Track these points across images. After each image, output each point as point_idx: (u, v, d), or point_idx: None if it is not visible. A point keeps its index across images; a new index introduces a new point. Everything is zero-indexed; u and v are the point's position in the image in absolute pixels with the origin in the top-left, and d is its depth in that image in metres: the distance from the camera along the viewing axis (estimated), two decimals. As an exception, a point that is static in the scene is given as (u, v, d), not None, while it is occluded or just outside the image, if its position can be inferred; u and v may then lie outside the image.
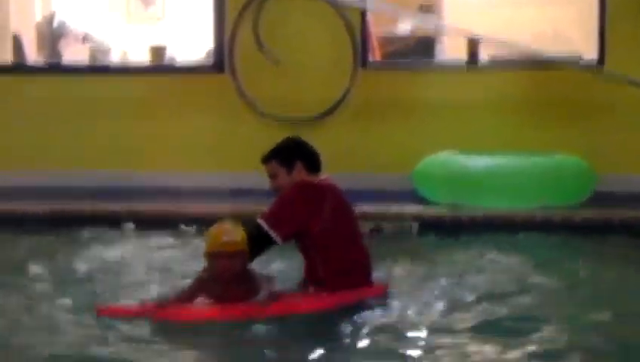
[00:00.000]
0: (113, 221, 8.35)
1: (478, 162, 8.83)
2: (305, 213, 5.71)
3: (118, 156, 10.17)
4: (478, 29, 9.85)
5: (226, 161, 9.98)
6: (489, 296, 5.91)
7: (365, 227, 8.07)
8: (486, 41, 9.81)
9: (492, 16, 10.98)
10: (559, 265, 6.89)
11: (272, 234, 5.66)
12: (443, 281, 6.34)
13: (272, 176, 5.94)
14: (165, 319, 5.26)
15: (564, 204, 8.51)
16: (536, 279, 6.41)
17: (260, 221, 5.70)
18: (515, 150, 9.19)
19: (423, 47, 11.03)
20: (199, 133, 10.15)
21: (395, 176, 9.46)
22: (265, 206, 5.86)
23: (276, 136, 9.49)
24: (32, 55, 11.37)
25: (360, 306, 5.60)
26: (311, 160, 6.00)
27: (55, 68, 10.93)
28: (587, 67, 9.58)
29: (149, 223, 8.27)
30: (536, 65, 9.69)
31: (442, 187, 8.80)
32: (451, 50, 10.90)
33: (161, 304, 5.35)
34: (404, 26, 11.20)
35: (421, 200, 8.87)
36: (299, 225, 5.71)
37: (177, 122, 10.18)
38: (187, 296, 5.42)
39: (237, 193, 9.41)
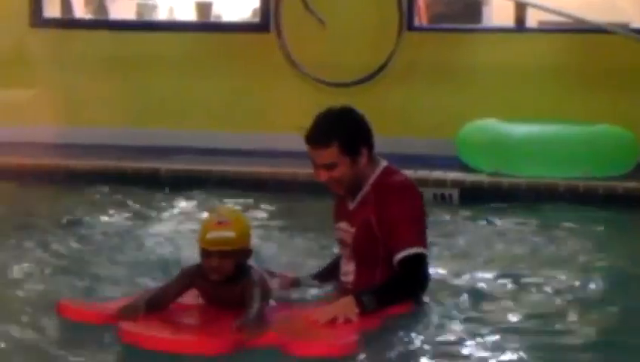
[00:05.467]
0: (154, 180, 8.40)
1: (521, 130, 8.76)
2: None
3: (161, 114, 10.21)
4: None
5: (267, 122, 9.98)
6: (526, 268, 5.89)
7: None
8: (533, 7, 9.71)
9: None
10: (600, 237, 6.87)
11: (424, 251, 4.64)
12: (480, 250, 6.34)
13: (329, 166, 4.54)
14: (126, 338, 4.22)
15: (607, 175, 8.43)
16: (575, 250, 6.39)
17: (415, 250, 4.58)
18: (560, 118, 9.11)
19: (470, 10, 10.94)
20: (242, 93, 10.15)
21: (438, 141, 9.41)
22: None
23: (319, 98, 9.70)
24: (79, 10, 11.40)
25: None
26: (373, 141, 4.71)
27: (102, 23, 10.98)
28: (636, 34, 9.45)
29: (188, 184, 8.30)
30: (585, 32, 9.58)
31: (484, 154, 8.75)
32: (499, 13, 10.79)
33: (130, 312, 4.31)
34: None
35: (464, 166, 8.82)
36: None
37: (221, 81, 10.18)
38: (173, 291, 4.47)
39: (277, 155, 9.38)
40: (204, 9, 11.02)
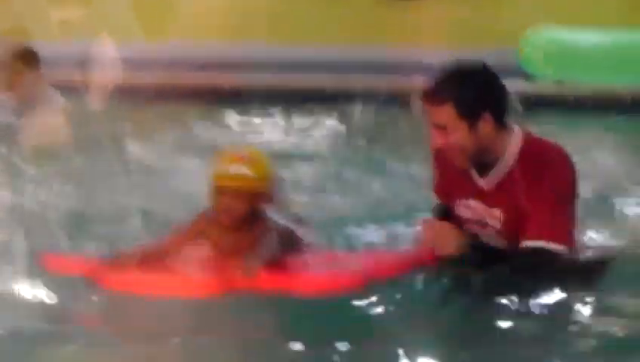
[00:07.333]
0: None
1: (586, 36, 8.58)
2: None
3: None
4: None
5: (327, 35, 9.86)
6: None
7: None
8: None
9: None
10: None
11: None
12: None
13: (441, 127, 3.91)
14: (104, 283, 3.75)
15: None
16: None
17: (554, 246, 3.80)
18: (623, 24, 8.89)
19: None
20: (297, 5, 10.05)
21: (499, 51, 9.23)
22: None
23: (379, 11, 9.60)
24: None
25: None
26: (502, 107, 3.97)
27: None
28: None
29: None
30: None
31: (547, 62, 8.58)
32: None
33: (120, 262, 3.81)
34: None
35: (526, 75, 8.65)
36: None
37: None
38: (174, 241, 3.90)
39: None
40: None
